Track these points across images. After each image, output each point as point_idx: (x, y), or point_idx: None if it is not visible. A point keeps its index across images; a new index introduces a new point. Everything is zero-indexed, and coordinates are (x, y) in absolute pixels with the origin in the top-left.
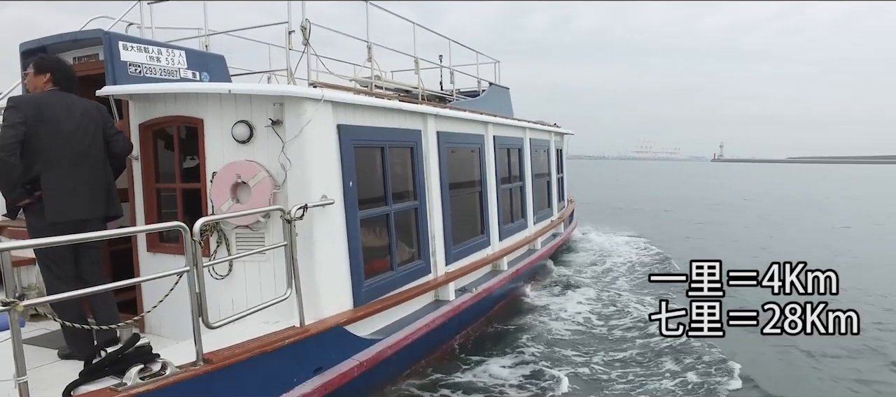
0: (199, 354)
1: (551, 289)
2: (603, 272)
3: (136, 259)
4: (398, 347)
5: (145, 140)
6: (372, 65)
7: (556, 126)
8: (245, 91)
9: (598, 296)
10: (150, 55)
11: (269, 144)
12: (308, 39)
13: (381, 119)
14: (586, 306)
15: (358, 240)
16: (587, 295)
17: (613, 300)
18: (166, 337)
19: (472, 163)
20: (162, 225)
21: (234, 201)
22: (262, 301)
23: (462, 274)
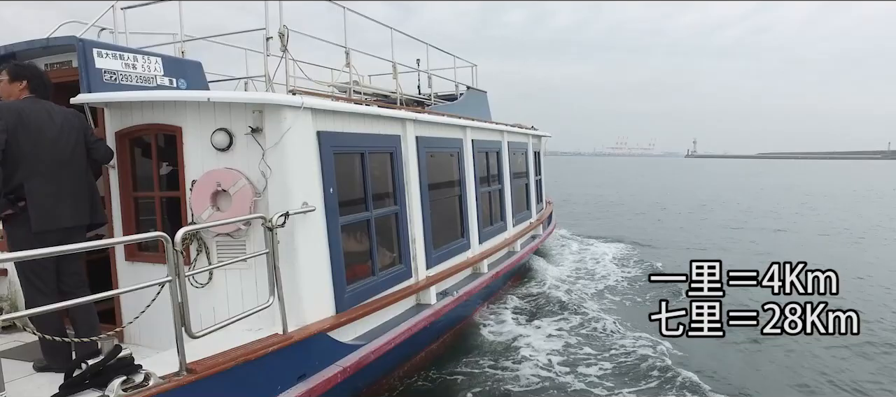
0: (183, 364)
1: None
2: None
3: (114, 268)
4: (381, 352)
5: (122, 148)
6: (350, 70)
7: (533, 129)
8: (224, 99)
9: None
10: (125, 62)
11: (249, 152)
12: (286, 45)
13: (361, 125)
14: (558, 342)
15: (339, 246)
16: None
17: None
18: (146, 346)
19: (451, 167)
20: (143, 235)
21: (214, 209)
22: (243, 309)
23: (443, 277)
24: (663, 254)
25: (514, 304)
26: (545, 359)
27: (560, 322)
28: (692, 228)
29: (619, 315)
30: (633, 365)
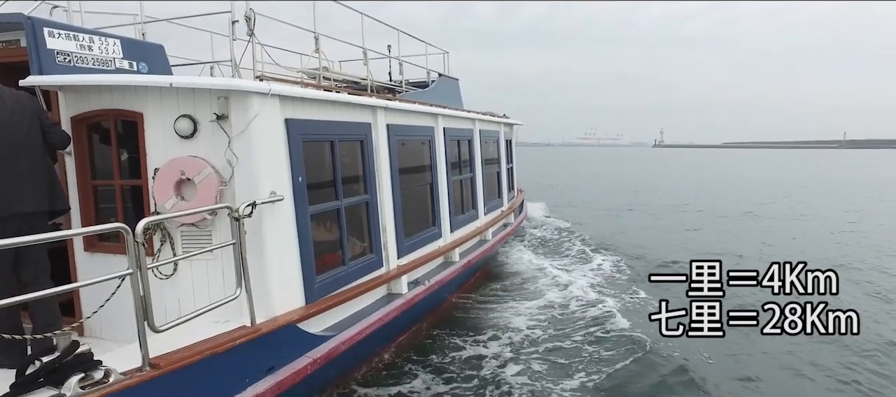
0: (146, 359)
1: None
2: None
3: (72, 259)
4: (352, 343)
5: (79, 134)
6: (320, 56)
7: (505, 117)
8: (188, 84)
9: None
10: (80, 43)
11: (215, 139)
12: (253, 30)
13: (331, 112)
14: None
15: (309, 236)
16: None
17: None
18: (108, 340)
19: (422, 155)
20: (103, 226)
21: (178, 198)
22: (210, 301)
23: (414, 266)
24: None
25: (490, 290)
26: (522, 343)
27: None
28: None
29: (606, 299)
30: (616, 349)
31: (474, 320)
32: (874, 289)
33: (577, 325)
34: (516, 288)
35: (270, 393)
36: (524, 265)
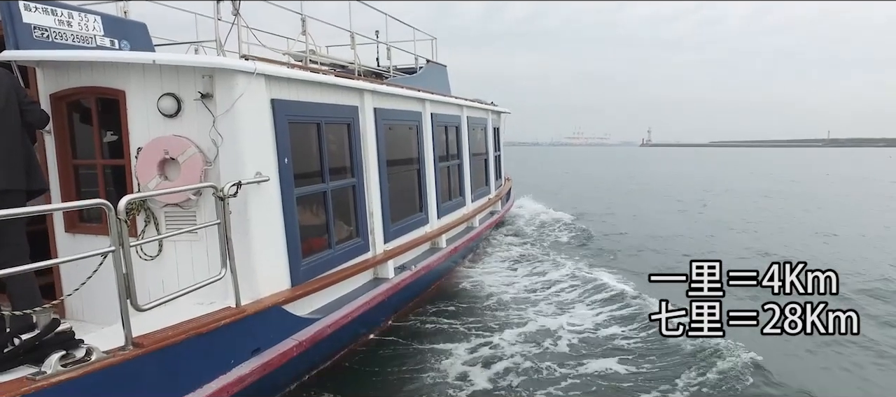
0: (129, 338)
1: None
2: None
3: (53, 240)
4: (338, 326)
5: (58, 112)
6: (306, 38)
7: (492, 104)
8: (171, 62)
9: None
10: (58, 18)
11: (199, 119)
12: (238, 10)
13: (317, 94)
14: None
15: (294, 218)
16: None
17: None
18: (90, 322)
19: (410, 141)
20: (84, 202)
21: (162, 178)
22: (194, 281)
23: (401, 251)
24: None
25: (475, 276)
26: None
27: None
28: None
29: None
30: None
31: (468, 298)
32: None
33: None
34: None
35: (256, 375)
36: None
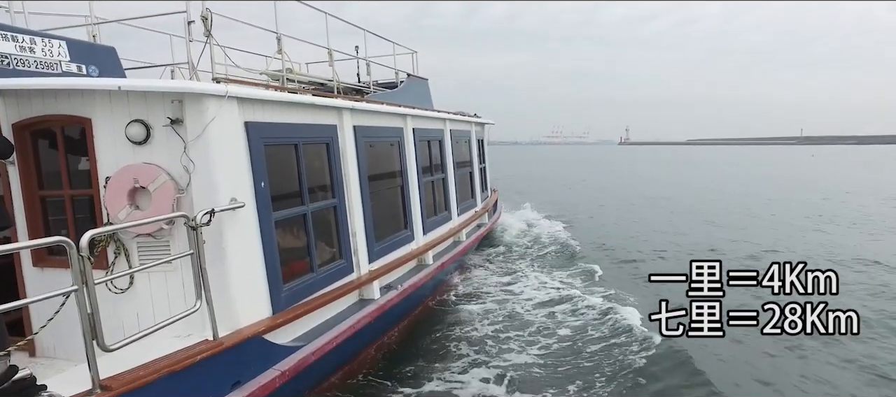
0: (96, 381)
1: None
2: None
3: (20, 275)
4: (323, 352)
5: (22, 141)
6: (282, 57)
7: (476, 116)
8: (138, 87)
9: None
10: (20, 45)
11: (170, 145)
12: (210, 30)
13: (294, 115)
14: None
15: (274, 242)
16: None
17: None
18: (63, 358)
19: (391, 157)
20: (42, 240)
21: (132, 208)
22: (170, 314)
23: (386, 271)
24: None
25: (464, 292)
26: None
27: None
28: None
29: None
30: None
31: (456, 315)
32: None
33: (578, 325)
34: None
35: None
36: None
